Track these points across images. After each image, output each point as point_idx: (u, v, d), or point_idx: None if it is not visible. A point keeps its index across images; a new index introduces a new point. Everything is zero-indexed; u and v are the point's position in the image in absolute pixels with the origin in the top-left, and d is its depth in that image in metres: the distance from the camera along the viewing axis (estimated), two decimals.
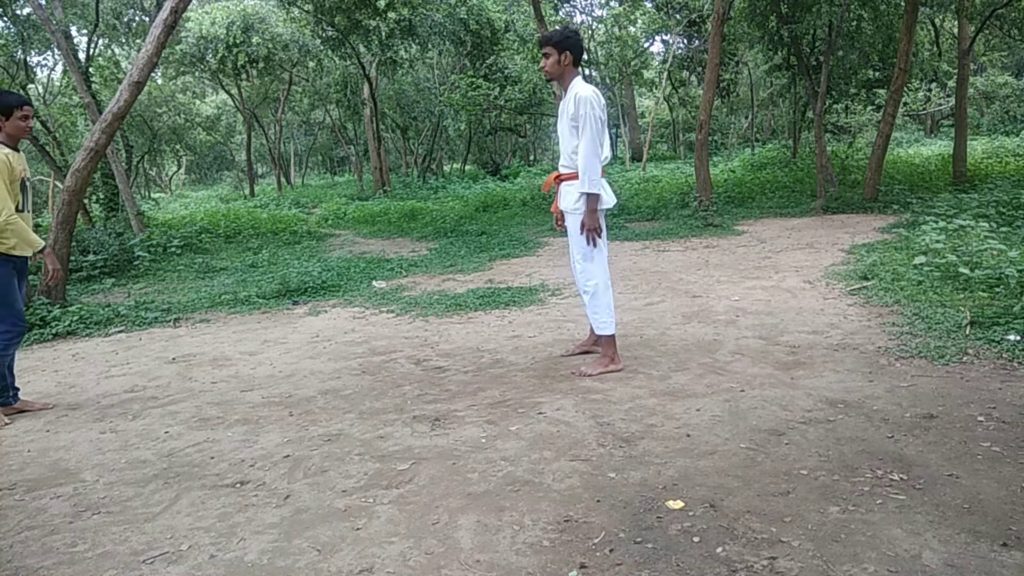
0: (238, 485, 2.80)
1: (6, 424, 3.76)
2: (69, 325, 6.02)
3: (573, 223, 3.96)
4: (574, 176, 3.88)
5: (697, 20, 19.00)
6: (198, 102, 29.64)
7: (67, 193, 6.81)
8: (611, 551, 2.15)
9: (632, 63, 22.40)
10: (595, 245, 3.90)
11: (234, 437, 3.35)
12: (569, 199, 3.92)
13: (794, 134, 19.05)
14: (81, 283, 8.47)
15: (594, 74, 24.69)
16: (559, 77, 3.91)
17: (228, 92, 25.83)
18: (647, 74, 26.24)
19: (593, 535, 2.25)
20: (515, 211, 14.11)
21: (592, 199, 3.81)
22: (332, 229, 13.63)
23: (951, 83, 18.87)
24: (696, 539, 2.18)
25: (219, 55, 19.68)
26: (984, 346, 3.89)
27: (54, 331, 5.93)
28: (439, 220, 12.84)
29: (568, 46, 3.85)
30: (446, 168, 31.51)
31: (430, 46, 19.51)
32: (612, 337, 4.00)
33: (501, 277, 7.40)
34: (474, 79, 17.89)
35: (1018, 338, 3.89)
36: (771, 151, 20.88)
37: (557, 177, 4.03)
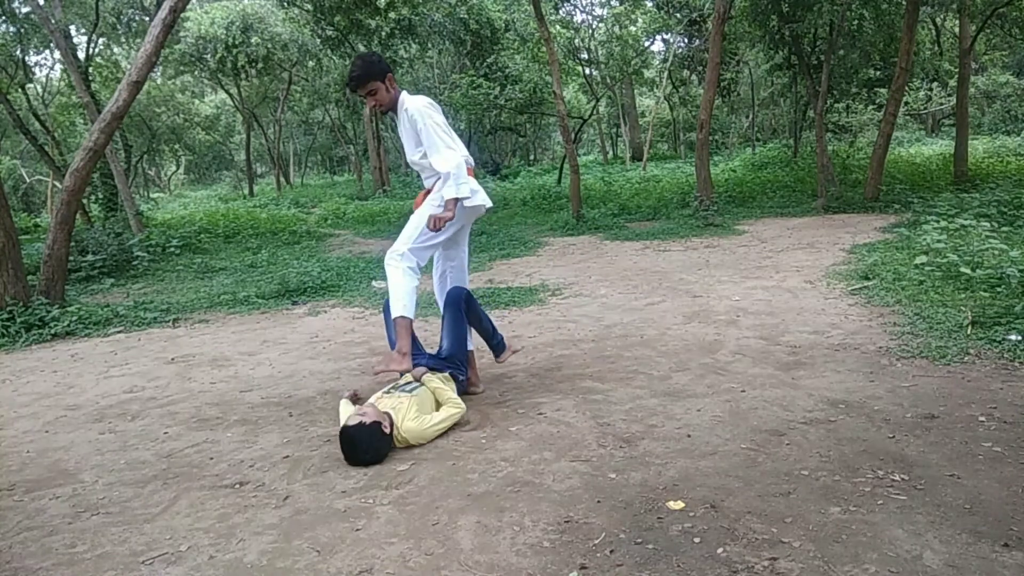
0: (237, 486, 2.79)
1: None
2: (68, 325, 6.00)
3: (430, 206, 3.50)
4: None
5: (698, 19, 18.97)
6: (197, 102, 29.65)
7: (66, 193, 6.80)
8: (611, 552, 2.14)
9: (633, 62, 22.37)
10: (437, 231, 3.41)
11: (233, 438, 3.34)
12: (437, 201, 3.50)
13: (795, 133, 19.05)
14: (80, 283, 8.46)
15: (595, 73, 24.66)
16: (395, 102, 3.53)
17: (227, 92, 25.84)
18: (648, 73, 26.21)
19: (593, 536, 2.24)
20: (515, 211, 14.09)
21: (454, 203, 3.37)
22: (331, 229, 13.62)
23: (952, 82, 18.87)
24: (697, 540, 2.17)
25: (218, 55, 19.67)
26: (985, 346, 3.88)
27: (53, 331, 5.92)
28: None
29: (384, 69, 3.49)
30: None
31: (430, 45, 19.52)
32: (404, 319, 3.45)
33: (501, 277, 7.39)
34: (474, 78, 17.85)
35: (1019, 338, 3.88)
36: (772, 150, 20.86)
37: (427, 193, 3.63)
